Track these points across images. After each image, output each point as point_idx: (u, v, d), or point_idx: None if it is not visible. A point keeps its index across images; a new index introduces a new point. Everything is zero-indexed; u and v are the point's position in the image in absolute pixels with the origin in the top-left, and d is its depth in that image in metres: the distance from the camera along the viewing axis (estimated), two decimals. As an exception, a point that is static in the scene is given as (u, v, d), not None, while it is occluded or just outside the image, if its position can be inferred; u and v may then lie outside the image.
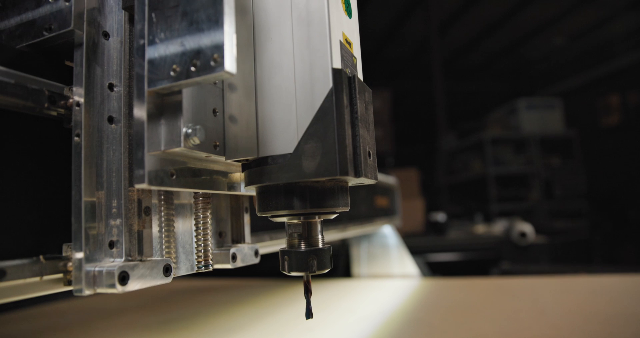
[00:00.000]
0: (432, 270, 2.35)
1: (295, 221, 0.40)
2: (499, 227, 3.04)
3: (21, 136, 0.38)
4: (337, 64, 0.37)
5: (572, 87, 6.04)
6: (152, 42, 0.34)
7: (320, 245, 0.41)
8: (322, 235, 0.41)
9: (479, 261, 2.69)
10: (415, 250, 2.60)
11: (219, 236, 0.53)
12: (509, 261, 2.61)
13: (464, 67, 7.02)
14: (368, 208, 1.24)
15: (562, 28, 5.91)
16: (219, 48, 0.31)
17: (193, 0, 0.33)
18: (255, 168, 0.39)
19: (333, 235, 1.00)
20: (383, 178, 1.45)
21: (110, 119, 0.40)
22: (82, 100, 0.37)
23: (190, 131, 0.35)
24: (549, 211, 4.64)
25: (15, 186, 0.37)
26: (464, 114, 6.76)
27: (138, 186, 0.35)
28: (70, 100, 0.39)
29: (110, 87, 0.40)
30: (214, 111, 0.39)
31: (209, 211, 0.47)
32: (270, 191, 0.39)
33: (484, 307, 0.95)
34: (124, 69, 0.40)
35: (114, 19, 0.40)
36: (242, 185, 0.47)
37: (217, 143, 0.39)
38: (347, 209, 0.41)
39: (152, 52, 0.34)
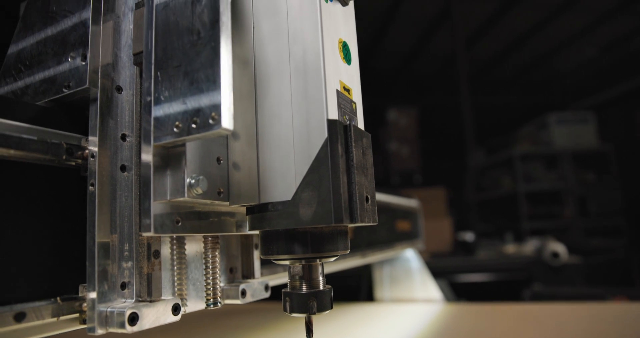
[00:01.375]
0: (461, 291, 2.31)
1: (297, 264, 0.42)
2: (530, 247, 2.97)
3: (40, 184, 0.41)
4: (333, 115, 0.38)
5: (606, 100, 5.87)
6: (157, 100, 0.37)
7: (321, 287, 0.42)
8: (323, 276, 0.42)
9: (510, 283, 2.62)
10: (443, 270, 2.56)
11: (230, 272, 0.55)
12: (541, 282, 2.53)
13: (492, 81, 6.94)
14: (389, 233, 1.24)
15: (595, 38, 5.78)
16: (216, 107, 0.33)
17: (193, 60, 0.35)
18: (257, 213, 0.40)
19: (352, 262, 1.01)
20: (405, 201, 1.44)
21: (123, 168, 0.42)
22: (96, 152, 0.40)
23: (193, 181, 0.37)
24: (584, 229, 4.49)
25: (35, 231, 0.40)
26: (492, 129, 6.66)
27: (145, 234, 0.37)
28: (86, 151, 0.41)
29: (123, 137, 0.42)
30: (218, 159, 0.41)
31: (217, 250, 0.49)
32: (271, 235, 0.40)
33: (505, 335, 0.93)
34: (135, 120, 0.43)
35: (127, 73, 0.43)
36: (249, 225, 0.49)
37: (221, 190, 0.41)
38: (347, 251, 0.42)
39: (157, 110, 0.36)
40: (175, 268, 0.47)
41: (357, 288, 1.67)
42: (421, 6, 4.96)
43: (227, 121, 0.33)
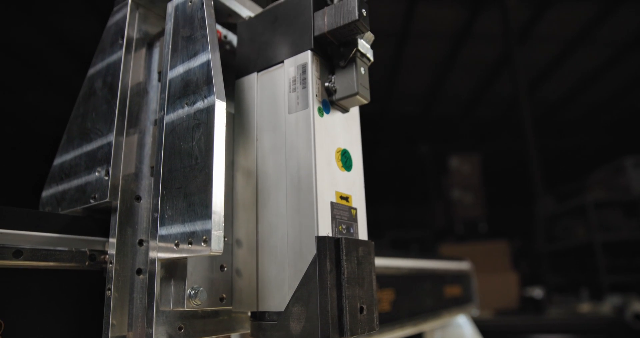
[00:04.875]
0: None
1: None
2: (608, 305, 2.71)
3: (64, 285, 0.45)
4: (325, 229, 0.40)
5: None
6: (162, 218, 0.40)
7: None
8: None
9: (586, 347, 2.38)
10: (508, 329, 2.38)
11: (247, 362, 0.56)
12: (623, 348, 2.28)
13: (560, 124, 6.63)
14: (434, 300, 1.19)
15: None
16: (207, 232, 0.36)
17: (191, 183, 0.39)
18: (257, 321, 0.42)
19: (390, 336, 0.98)
20: (454, 264, 1.39)
21: (139, 271, 0.46)
22: (114, 258, 0.44)
23: (193, 292, 0.40)
24: (675, 284, 4.02)
25: (56, 330, 0.44)
26: (562, 175, 6.30)
27: (148, 343, 0.40)
28: (107, 256, 0.45)
29: (140, 243, 0.46)
30: (222, 267, 0.44)
31: (229, 346, 0.50)
32: (270, 343, 0.42)
33: None
34: (152, 226, 0.47)
35: (146, 182, 0.48)
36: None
37: (224, 296, 0.43)
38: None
39: (162, 229, 0.40)
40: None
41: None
42: (481, 50, 4.94)
43: (215, 245, 0.36)
